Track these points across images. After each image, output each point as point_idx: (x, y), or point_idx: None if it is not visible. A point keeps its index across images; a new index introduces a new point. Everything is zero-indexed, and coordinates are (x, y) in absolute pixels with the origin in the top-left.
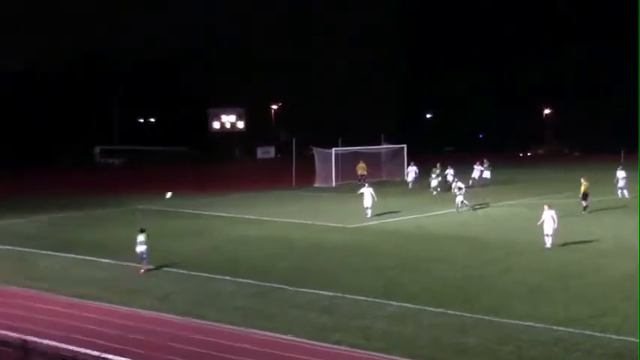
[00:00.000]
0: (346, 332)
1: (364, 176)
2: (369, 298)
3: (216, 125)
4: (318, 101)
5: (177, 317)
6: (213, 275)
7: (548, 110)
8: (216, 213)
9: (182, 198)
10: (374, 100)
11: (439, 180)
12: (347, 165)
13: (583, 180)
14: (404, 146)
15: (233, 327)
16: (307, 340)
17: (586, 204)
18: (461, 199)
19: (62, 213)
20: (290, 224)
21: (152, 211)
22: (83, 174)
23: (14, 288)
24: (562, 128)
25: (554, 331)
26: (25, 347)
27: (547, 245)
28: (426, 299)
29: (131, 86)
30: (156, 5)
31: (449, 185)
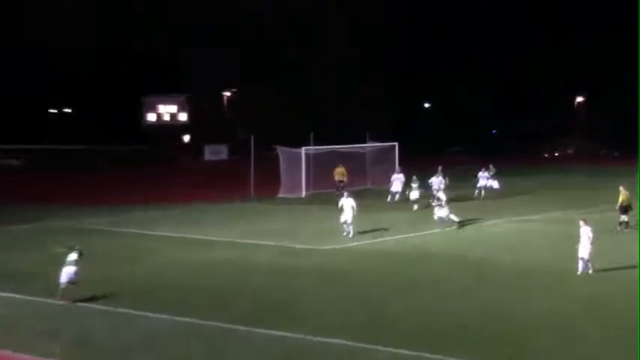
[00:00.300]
0: None
1: (342, 183)
2: (349, 342)
3: (151, 117)
4: (286, 89)
5: None
6: (147, 312)
7: (580, 98)
8: (152, 231)
9: (106, 211)
10: (363, 93)
11: (421, 191)
12: (322, 169)
13: (622, 188)
14: (395, 144)
15: None
16: None
17: (626, 218)
18: (445, 214)
19: None
20: (248, 246)
21: (66, 229)
22: None
23: None
24: (597, 122)
25: None
26: None
27: (579, 272)
28: (425, 341)
29: (38, 68)
30: None
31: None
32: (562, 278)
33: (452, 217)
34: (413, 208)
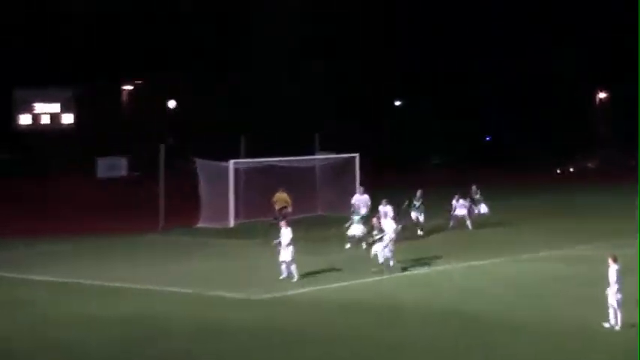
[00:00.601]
0: None
1: (285, 211)
2: None
3: (25, 120)
4: (208, 78)
5: None
6: None
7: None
8: (29, 275)
9: None
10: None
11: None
12: (257, 189)
13: None
14: (355, 156)
15: None
16: None
17: None
18: (386, 251)
19: None
20: (158, 294)
21: None
22: None
23: None
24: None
25: None
26: None
27: (608, 325)
28: None
29: None
30: None
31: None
32: (586, 336)
33: (387, 254)
34: (345, 247)
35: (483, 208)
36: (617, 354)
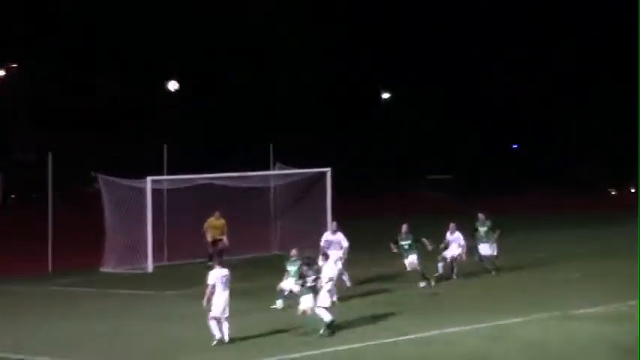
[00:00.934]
0: None
1: (221, 245)
2: None
3: None
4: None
5: None
6: None
7: None
8: None
9: None
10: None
11: (313, 276)
12: (186, 218)
13: None
14: (326, 171)
15: None
16: None
17: None
18: (310, 304)
19: None
20: None
21: None
22: None
23: None
24: None
25: None
26: None
27: None
28: None
29: None
30: None
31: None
32: None
33: (318, 311)
34: (276, 306)
35: (486, 249)
36: None
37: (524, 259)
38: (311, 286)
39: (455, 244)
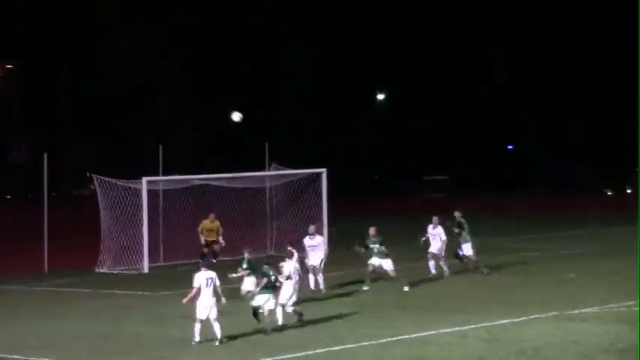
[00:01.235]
0: None
1: (214, 248)
2: None
3: None
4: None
5: None
6: None
7: None
8: None
9: None
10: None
11: (272, 276)
12: (182, 219)
13: None
14: (322, 171)
15: None
16: None
17: None
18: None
19: None
20: None
21: None
22: None
23: None
24: None
25: None
26: None
27: None
28: None
29: None
30: None
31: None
32: None
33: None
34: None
35: (466, 249)
36: None
37: (520, 260)
38: (271, 287)
39: (437, 238)
